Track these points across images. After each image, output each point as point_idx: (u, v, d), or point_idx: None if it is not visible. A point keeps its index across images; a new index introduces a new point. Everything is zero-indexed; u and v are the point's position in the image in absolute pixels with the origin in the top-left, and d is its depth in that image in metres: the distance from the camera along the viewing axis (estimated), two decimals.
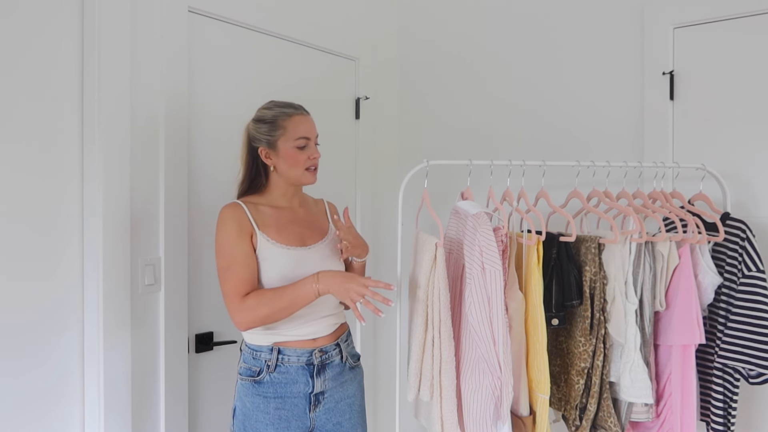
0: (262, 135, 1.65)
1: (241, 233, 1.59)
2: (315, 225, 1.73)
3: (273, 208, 1.68)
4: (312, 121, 1.69)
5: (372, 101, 2.62)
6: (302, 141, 1.64)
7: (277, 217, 1.67)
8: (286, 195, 1.71)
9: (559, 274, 1.63)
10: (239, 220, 1.60)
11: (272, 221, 1.65)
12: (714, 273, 1.68)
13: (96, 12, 1.70)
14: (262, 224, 1.63)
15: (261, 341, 1.62)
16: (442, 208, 1.79)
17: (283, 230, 1.65)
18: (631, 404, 1.65)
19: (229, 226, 1.59)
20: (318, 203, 1.83)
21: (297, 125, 1.65)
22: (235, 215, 1.60)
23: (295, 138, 1.64)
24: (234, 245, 1.58)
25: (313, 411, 1.63)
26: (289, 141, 1.63)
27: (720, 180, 1.82)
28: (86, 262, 1.73)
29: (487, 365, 1.52)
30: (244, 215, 1.61)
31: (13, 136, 1.59)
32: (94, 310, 1.71)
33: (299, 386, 1.61)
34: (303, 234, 1.68)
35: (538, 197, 1.78)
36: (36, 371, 1.64)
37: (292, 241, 1.65)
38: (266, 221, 1.64)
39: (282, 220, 1.67)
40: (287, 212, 1.70)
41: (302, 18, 2.34)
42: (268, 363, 1.60)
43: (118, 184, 1.74)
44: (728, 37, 1.93)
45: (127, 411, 1.77)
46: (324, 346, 1.65)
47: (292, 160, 1.64)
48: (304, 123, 1.66)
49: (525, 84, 2.37)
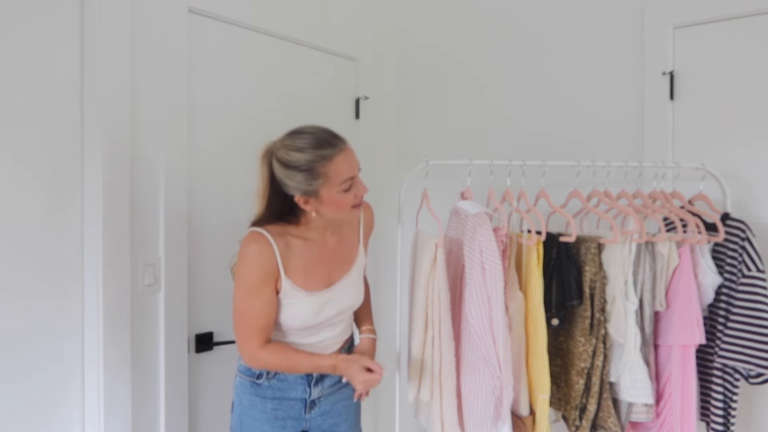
0: (297, 184, 1.42)
1: (266, 279, 1.46)
2: (344, 255, 1.61)
3: (304, 240, 1.53)
4: (352, 152, 1.46)
5: (372, 101, 2.62)
6: (348, 183, 1.44)
7: (305, 255, 1.52)
8: (320, 228, 1.55)
9: (559, 274, 1.63)
10: (266, 263, 1.45)
11: (300, 262, 1.50)
12: (714, 273, 1.68)
13: (96, 12, 1.70)
14: (289, 267, 1.49)
15: None
16: (442, 208, 1.79)
17: (310, 272, 1.52)
18: (631, 404, 1.65)
19: (254, 269, 1.45)
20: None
21: (341, 167, 1.41)
22: (263, 257, 1.45)
23: (339, 183, 1.42)
24: (255, 292, 1.46)
25: (309, 413, 1.63)
26: (333, 187, 1.42)
27: (720, 180, 1.82)
28: (86, 263, 1.73)
29: (487, 365, 1.52)
30: (272, 257, 1.46)
31: (13, 136, 1.59)
32: (94, 310, 1.71)
33: (296, 392, 1.61)
34: (330, 272, 1.57)
35: (538, 197, 1.78)
36: (36, 371, 1.64)
37: (318, 284, 1.53)
38: (293, 261, 1.49)
39: (310, 258, 1.53)
40: (317, 246, 1.55)
41: (302, 18, 2.34)
42: (269, 370, 1.59)
43: (118, 184, 1.74)
44: (728, 37, 1.93)
45: (127, 411, 1.77)
46: None
47: (337, 205, 1.45)
48: (347, 162, 1.43)
49: (525, 83, 2.37)
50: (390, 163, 2.73)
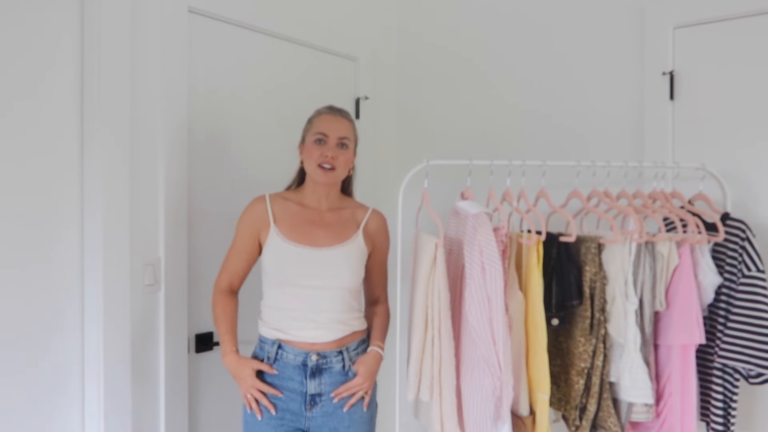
0: (303, 131, 1.74)
1: (252, 227, 1.68)
2: (335, 230, 1.70)
3: (300, 206, 1.72)
4: (343, 123, 1.70)
5: (372, 101, 2.62)
6: (319, 136, 1.67)
7: (299, 215, 1.70)
8: (314, 194, 1.72)
9: (559, 274, 1.63)
10: (256, 214, 1.69)
11: (291, 217, 1.69)
12: (714, 273, 1.68)
13: (96, 12, 1.70)
14: (279, 218, 1.68)
15: (267, 334, 1.67)
16: (442, 208, 1.79)
17: (297, 228, 1.67)
18: (631, 404, 1.65)
19: (243, 219, 1.71)
20: (359, 211, 1.77)
21: (321, 122, 1.69)
22: (253, 211, 1.70)
23: (314, 132, 1.68)
24: (238, 237, 1.70)
25: (310, 410, 1.64)
26: (311, 135, 1.69)
27: (720, 180, 1.82)
28: (86, 262, 1.73)
29: (487, 365, 1.52)
30: (263, 209, 1.69)
31: (14, 137, 1.59)
32: (94, 310, 1.71)
33: (294, 384, 1.63)
34: (317, 235, 1.68)
35: (538, 197, 1.78)
36: (36, 372, 1.64)
37: (302, 239, 1.66)
38: (285, 216, 1.68)
39: (301, 219, 1.69)
40: (312, 213, 1.71)
41: (302, 18, 2.34)
42: (269, 355, 1.65)
43: (118, 184, 1.74)
44: (728, 38, 1.93)
45: (127, 411, 1.77)
46: (324, 350, 1.64)
47: (307, 153, 1.68)
48: (328, 121, 1.69)
49: (525, 84, 2.37)
50: (390, 163, 2.72)
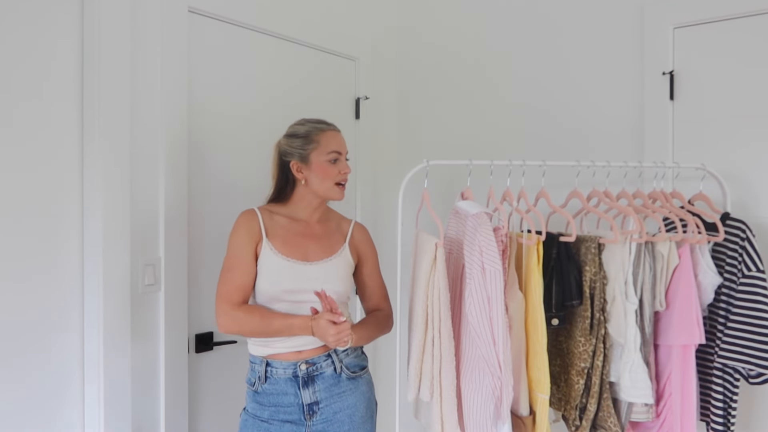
0: (294, 149, 1.69)
1: (250, 240, 1.65)
2: (324, 242, 1.72)
3: (290, 219, 1.72)
4: (343, 138, 1.74)
5: (372, 101, 2.62)
6: (334, 155, 1.68)
7: (289, 229, 1.69)
8: (308, 209, 1.73)
9: (559, 274, 1.63)
10: (250, 227, 1.66)
11: (282, 232, 1.68)
12: (714, 273, 1.68)
13: (96, 12, 1.70)
14: (271, 233, 1.67)
15: (256, 352, 1.67)
16: (442, 208, 1.79)
17: (289, 242, 1.67)
18: (631, 404, 1.65)
19: (240, 232, 1.66)
20: (343, 223, 1.81)
21: (330, 140, 1.69)
22: (248, 222, 1.67)
23: (327, 152, 1.67)
24: (239, 251, 1.64)
25: (310, 420, 1.64)
26: (322, 155, 1.67)
27: (720, 180, 1.82)
28: (86, 262, 1.73)
29: (487, 365, 1.52)
30: (256, 222, 1.67)
31: (14, 137, 1.59)
32: (94, 310, 1.71)
33: (290, 398, 1.64)
34: (309, 249, 1.69)
35: (538, 197, 1.78)
36: (36, 372, 1.64)
37: (294, 253, 1.66)
38: (276, 231, 1.68)
39: (292, 233, 1.69)
40: (302, 226, 1.72)
41: (302, 18, 2.34)
42: (260, 375, 1.65)
43: (118, 184, 1.74)
44: (728, 37, 1.93)
45: (127, 411, 1.77)
46: (312, 357, 1.65)
47: (323, 173, 1.67)
48: (336, 138, 1.71)
49: (525, 84, 2.37)
50: (390, 163, 2.73)
